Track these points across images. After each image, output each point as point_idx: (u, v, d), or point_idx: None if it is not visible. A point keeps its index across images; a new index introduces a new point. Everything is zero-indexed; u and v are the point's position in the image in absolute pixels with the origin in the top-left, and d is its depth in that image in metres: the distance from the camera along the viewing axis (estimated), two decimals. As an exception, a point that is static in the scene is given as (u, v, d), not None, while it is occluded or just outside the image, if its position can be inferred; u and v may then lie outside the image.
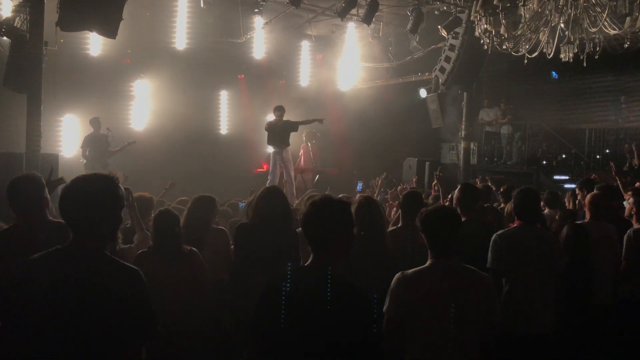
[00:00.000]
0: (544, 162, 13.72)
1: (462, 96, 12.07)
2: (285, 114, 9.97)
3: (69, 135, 11.26)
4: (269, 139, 10.01)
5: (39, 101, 6.82)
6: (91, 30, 7.27)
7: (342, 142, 13.58)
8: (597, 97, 14.36)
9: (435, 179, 6.28)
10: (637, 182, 7.53)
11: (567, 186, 11.46)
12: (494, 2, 6.92)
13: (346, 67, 14.18)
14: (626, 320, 4.56)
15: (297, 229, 3.63)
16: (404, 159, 13.64)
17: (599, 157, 13.31)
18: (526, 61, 7.60)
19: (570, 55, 7.20)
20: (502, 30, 7.16)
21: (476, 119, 13.46)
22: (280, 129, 9.87)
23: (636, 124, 13.24)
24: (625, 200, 5.57)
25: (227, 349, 3.85)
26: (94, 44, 11.31)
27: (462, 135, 12.24)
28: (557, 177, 13.10)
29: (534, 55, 7.43)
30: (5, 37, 7.37)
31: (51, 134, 10.46)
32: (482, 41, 7.62)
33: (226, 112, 13.67)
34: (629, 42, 6.79)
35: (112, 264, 2.08)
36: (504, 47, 7.55)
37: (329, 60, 14.10)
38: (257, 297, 2.28)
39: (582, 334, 4.20)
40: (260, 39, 12.95)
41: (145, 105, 12.18)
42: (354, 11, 10.19)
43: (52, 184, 3.71)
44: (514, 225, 3.98)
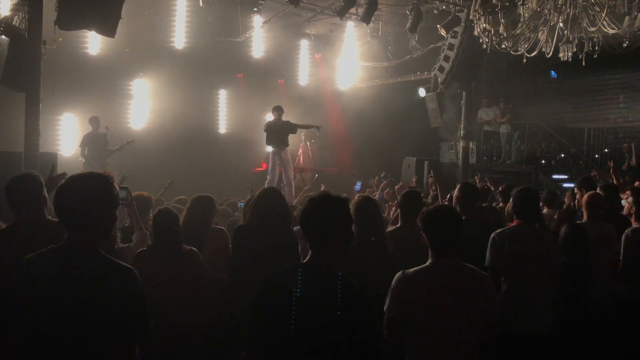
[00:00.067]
0: (543, 161, 13.71)
1: (461, 95, 12.06)
2: (284, 114, 9.97)
3: (67, 134, 11.25)
4: (267, 139, 10.01)
5: (38, 100, 6.81)
6: (90, 29, 7.26)
7: (341, 142, 13.59)
8: (596, 96, 14.34)
9: (431, 179, 6.28)
10: (636, 182, 7.53)
11: (566, 185, 11.47)
12: (493, 1, 6.94)
13: (345, 66, 14.17)
14: (625, 320, 4.54)
15: (296, 228, 3.64)
16: (402, 158, 13.64)
17: (597, 156, 13.31)
18: (525, 60, 7.62)
19: (569, 54, 7.22)
20: (501, 29, 7.18)
21: (475, 118, 13.45)
22: (279, 129, 9.86)
23: (635, 123, 13.22)
24: (623, 199, 5.56)
25: (227, 348, 3.84)
26: (93, 42, 11.30)
27: (461, 134, 12.23)
28: (556, 176, 13.10)
29: (533, 54, 7.44)
30: (3, 36, 7.35)
31: (50, 133, 10.46)
32: (481, 40, 7.63)
33: (225, 111, 13.67)
34: (627, 42, 6.81)
35: (106, 263, 2.08)
36: (503, 46, 7.56)
37: (328, 59, 14.09)
38: (255, 295, 2.26)
39: (581, 333, 4.20)
40: (259, 38, 12.95)
41: (144, 104, 12.18)
42: (353, 10, 10.19)
43: (54, 180, 3.62)
44: (513, 224, 3.98)
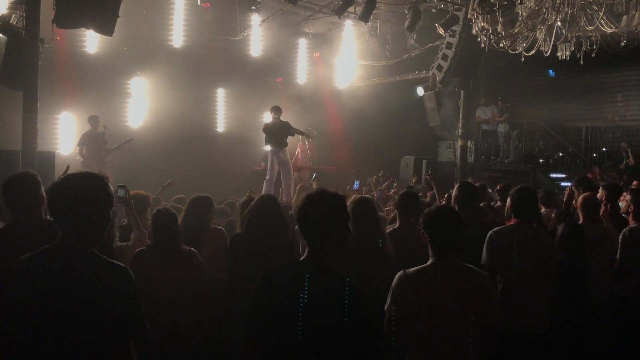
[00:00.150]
0: (541, 160, 13.74)
1: (459, 94, 12.06)
2: (282, 114, 9.97)
3: (65, 132, 11.21)
4: (266, 139, 10.02)
5: (35, 98, 6.79)
6: (88, 27, 7.23)
7: (339, 140, 13.59)
8: (593, 95, 14.37)
9: (428, 177, 6.29)
10: (635, 181, 7.56)
11: (563, 184, 11.49)
12: (491, 0, 6.93)
13: (343, 65, 14.15)
14: (622, 319, 4.54)
15: (296, 227, 3.63)
16: (401, 157, 13.65)
17: (595, 155, 13.35)
18: (523, 59, 7.63)
19: (567, 53, 7.23)
20: (499, 28, 7.18)
21: (473, 117, 13.46)
22: (277, 129, 9.87)
23: (633, 122, 13.26)
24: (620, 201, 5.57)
25: (227, 348, 3.84)
26: (91, 41, 11.25)
27: (459, 133, 12.24)
28: (554, 175, 13.13)
29: (531, 53, 7.45)
30: (1, 34, 7.33)
31: (48, 132, 10.41)
32: (479, 39, 7.63)
33: (223, 109, 13.64)
34: (625, 41, 6.82)
35: (100, 262, 2.07)
36: (501, 45, 7.57)
37: (326, 57, 14.08)
38: (253, 294, 2.24)
39: (578, 333, 4.21)
40: (257, 36, 12.92)
41: (142, 102, 12.13)
42: (351, 9, 10.17)
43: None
44: (511, 223, 3.99)
